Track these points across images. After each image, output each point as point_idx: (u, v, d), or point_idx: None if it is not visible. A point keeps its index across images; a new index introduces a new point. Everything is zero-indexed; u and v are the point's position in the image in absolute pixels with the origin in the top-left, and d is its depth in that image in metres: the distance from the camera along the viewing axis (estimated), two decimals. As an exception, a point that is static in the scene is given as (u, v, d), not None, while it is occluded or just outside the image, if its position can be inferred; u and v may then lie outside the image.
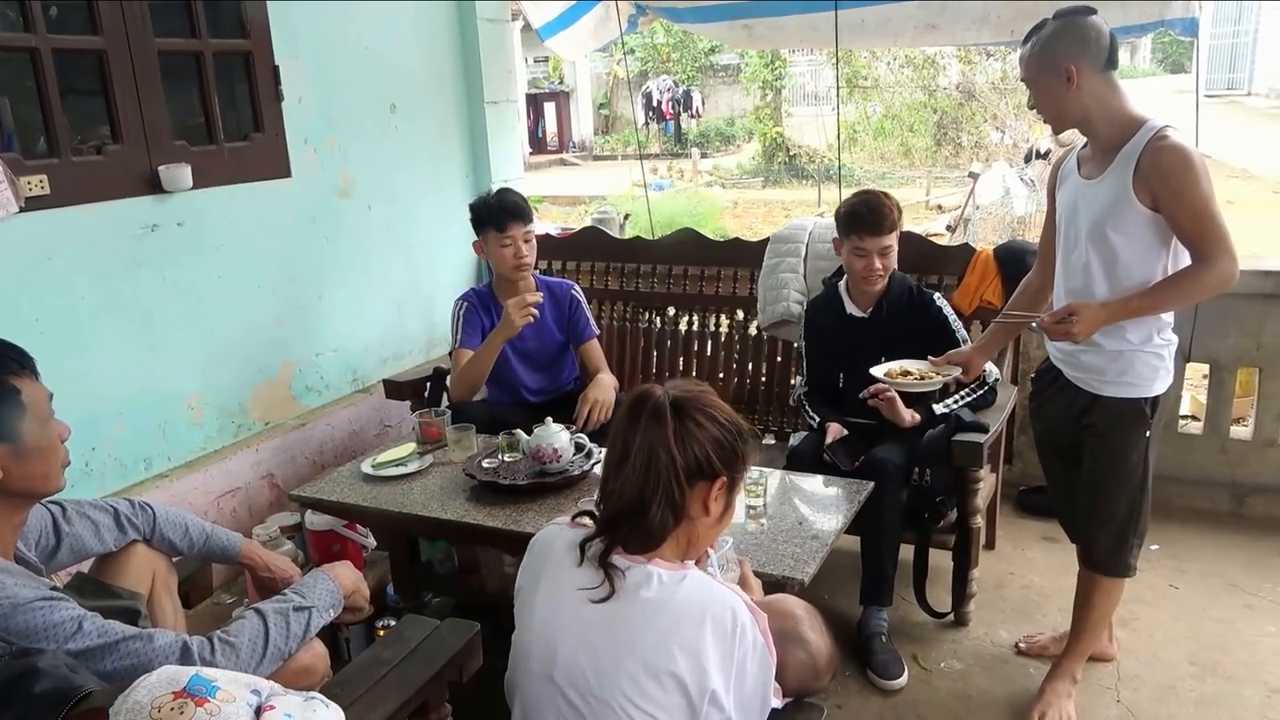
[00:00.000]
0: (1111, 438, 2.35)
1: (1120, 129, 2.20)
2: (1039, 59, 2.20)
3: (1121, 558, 2.44)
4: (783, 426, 3.53)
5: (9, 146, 2.56)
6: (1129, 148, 2.17)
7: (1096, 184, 2.24)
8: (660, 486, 1.44)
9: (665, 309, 3.85)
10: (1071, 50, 2.15)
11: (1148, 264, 2.22)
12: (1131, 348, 2.28)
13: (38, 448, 1.51)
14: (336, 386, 3.63)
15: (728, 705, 1.43)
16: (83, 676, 1.06)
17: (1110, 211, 2.20)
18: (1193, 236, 2.13)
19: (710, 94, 21.83)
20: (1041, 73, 2.20)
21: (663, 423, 1.45)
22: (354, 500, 2.53)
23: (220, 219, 3.09)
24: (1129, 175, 2.15)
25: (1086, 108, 2.19)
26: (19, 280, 2.53)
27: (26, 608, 1.38)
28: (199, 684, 0.90)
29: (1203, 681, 2.68)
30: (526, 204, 3.16)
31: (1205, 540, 3.47)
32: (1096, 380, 2.33)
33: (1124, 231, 2.20)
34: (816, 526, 2.22)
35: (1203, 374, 3.99)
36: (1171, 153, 2.11)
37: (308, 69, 3.35)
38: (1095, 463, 2.39)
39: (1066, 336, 2.19)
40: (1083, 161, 2.33)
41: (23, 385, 1.49)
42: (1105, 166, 2.22)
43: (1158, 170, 2.11)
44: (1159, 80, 23.26)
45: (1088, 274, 2.28)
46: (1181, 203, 2.11)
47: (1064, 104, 2.21)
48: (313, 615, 1.64)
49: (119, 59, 2.74)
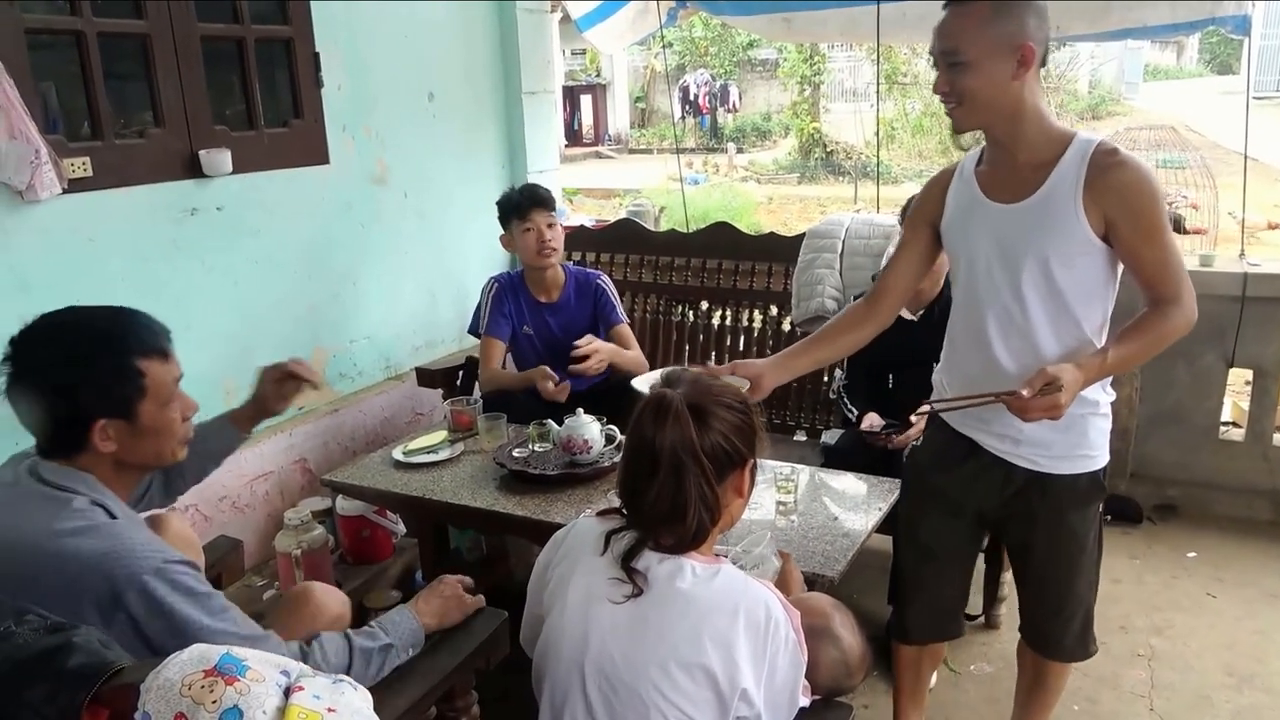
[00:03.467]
0: (1067, 521, 1.95)
1: (1051, 139, 1.78)
2: (992, 32, 1.70)
3: (1088, 640, 2.12)
4: (814, 423, 3.51)
5: (54, 129, 2.59)
6: (1068, 162, 1.75)
7: (1025, 207, 1.79)
8: (695, 494, 1.42)
9: (698, 303, 3.83)
10: (1029, 26, 1.70)
11: (1095, 309, 1.82)
12: (1085, 410, 1.86)
13: (153, 428, 1.53)
14: (369, 373, 3.65)
15: (757, 701, 1.42)
16: (115, 652, 1.07)
17: (1053, 241, 1.76)
18: (1157, 272, 1.74)
19: (747, 89, 21.71)
20: (991, 49, 1.70)
21: (686, 428, 1.42)
22: (385, 486, 2.54)
23: (258, 204, 3.11)
24: (1077, 195, 1.73)
25: (1022, 104, 1.75)
26: (60, 260, 2.57)
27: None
28: (229, 662, 0.91)
29: (1239, 693, 2.63)
30: (549, 194, 3.19)
31: (1244, 549, 3.40)
32: (1042, 456, 1.89)
33: (1071, 265, 1.77)
34: (847, 525, 2.19)
35: (1245, 380, 3.91)
36: (1133, 170, 1.72)
37: (347, 56, 3.37)
38: (1051, 553, 1.99)
39: (1050, 414, 1.68)
40: (985, 181, 1.86)
41: (149, 367, 1.51)
42: (1033, 185, 1.77)
43: (1115, 190, 1.71)
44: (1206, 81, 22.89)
45: (1026, 326, 1.82)
46: (1145, 232, 1.72)
47: (1003, 94, 1.73)
48: (390, 656, 1.62)
49: (162, 43, 2.76)
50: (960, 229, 1.91)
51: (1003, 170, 1.83)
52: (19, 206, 2.44)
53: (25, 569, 1.39)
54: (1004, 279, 1.83)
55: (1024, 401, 1.67)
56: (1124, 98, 20.20)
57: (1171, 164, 4.91)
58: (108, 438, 1.48)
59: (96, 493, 1.47)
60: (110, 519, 1.45)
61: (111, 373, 1.48)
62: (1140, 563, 3.35)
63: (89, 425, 1.46)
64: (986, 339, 1.88)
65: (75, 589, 1.37)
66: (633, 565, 1.44)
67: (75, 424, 1.47)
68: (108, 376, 1.48)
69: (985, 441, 1.94)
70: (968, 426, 1.96)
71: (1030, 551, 2.04)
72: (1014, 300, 1.83)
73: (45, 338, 1.48)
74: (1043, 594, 2.07)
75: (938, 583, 2.15)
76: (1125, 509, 3.65)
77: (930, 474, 2.08)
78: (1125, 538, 3.51)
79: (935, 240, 2.01)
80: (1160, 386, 3.71)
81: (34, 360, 1.46)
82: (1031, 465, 1.91)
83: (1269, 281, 3.46)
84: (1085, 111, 17.13)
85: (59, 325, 1.50)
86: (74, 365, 1.46)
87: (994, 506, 2.01)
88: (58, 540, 1.39)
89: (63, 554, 1.38)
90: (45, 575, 1.38)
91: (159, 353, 1.54)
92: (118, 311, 1.55)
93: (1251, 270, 3.49)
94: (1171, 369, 3.68)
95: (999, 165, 1.85)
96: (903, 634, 2.22)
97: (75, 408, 1.46)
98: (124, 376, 1.48)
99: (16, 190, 2.39)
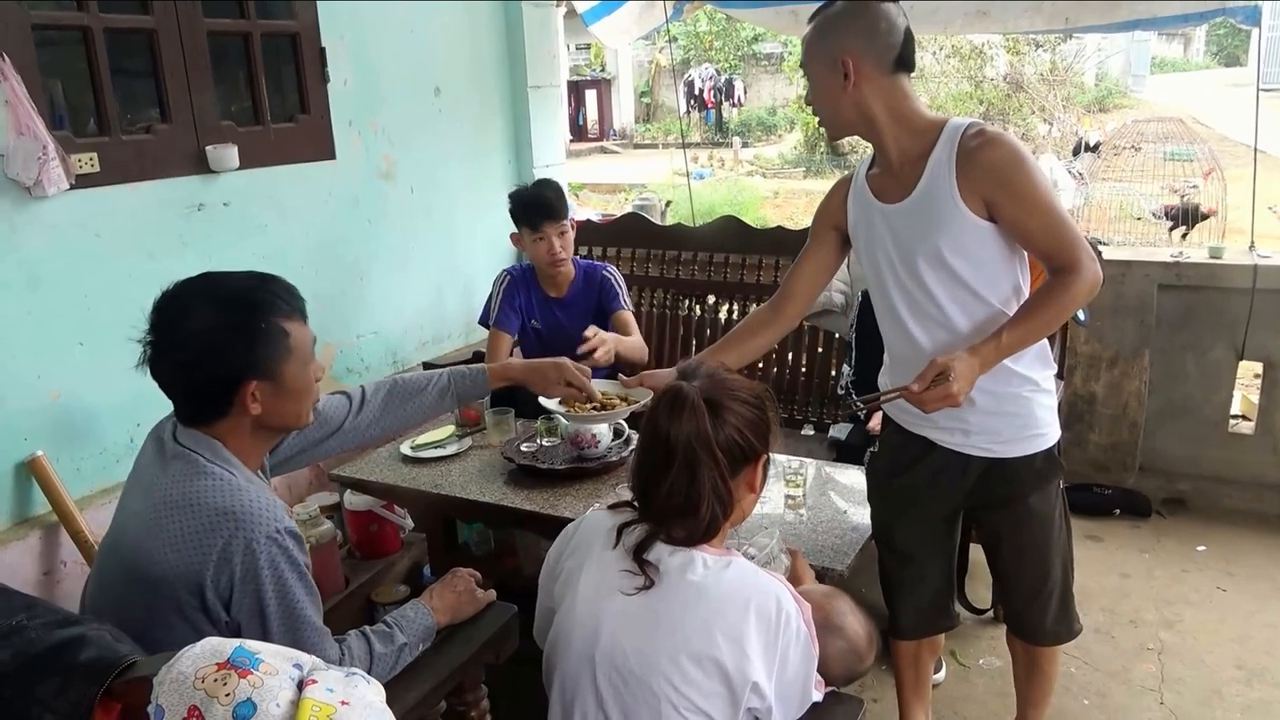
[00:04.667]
0: (1029, 503, 1.97)
1: (918, 135, 1.81)
2: (813, 46, 1.80)
3: (1070, 620, 2.13)
4: (822, 417, 3.50)
5: (60, 125, 2.59)
6: (939, 153, 1.77)
7: (909, 204, 1.83)
8: (708, 488, 1.43)
9: (705, 297, 3.83)
10: (851, 41, 1.76)
11: (1001, 283, 1.84)
12: (1025, 390, 1.89)
13: (296, 388, 1.55)
14: (376, 368, 3.65)
15: (769, 694, 1.41)
16: (127, 645, 1.07)
17: (941, 233, 1.79)
18: (1048, 242, 1.75)
19: (752, 83, 21.67)
20: (814, 63, 1.81)
21: (703, 422, 1.43)
22: (393, 481, 2.54)
23: (265, 200, 3.11)
24: (951, 183, 1.75)
25: (869, 113, 1.79)
26: (68, 256, 2.57)
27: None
28: (242, 655, 0.90)
29: (1249, 687, 2.62)
30: (561, 199, 3.14)
31: (1254, 543, 3.39)
32: (993, 443, 1.92)
33: (964, 253, 1.80)
34: (855, 519, 2.19)
35: (1255, 373, 3.90)
36: (996, 146, 1.73)
37: (353, 52, 3.36)
38: (1019, 538, 2.02)
39: (947, 402, 1.71)
40: (875, 184, 1.91)
41: (292, 328, 1.54)
42: (911, 183, 1.81)
43: (985, 170, 1.72)
44: (1212, 73, 22.81)
45: (936, 310, 1.86)
46: (1026, 204, 1.73)
47: (839, 105, 1.80)
48: (403, 654, 1.64)
49: (169, 39, 2.76)
50: (862, 231, 1.97)
51: (886, 172, 1.89)
52: (27, 202, 2.44)
53: (156, 516, 1.43)
54: (907, 274, 1.88)
55: (917, 395, 1.72)
56: (1131, 90, 20.12)
57: (1179, 156, 4.90)
58: (255, 399, 1.50)
59: (221, 459, 1.49)
60: (232, 477, 1.47)
61: (262, 334, 1.49)
62: (1150, 556, 3.34)
63: (238, 387, 1.48)
64: (903, 323, 1.92)
65: (199, 540, 1.41)
66: (644, 557, 1.44)
67: (226, 387, 1.48)
68: (258, 337, 1.49)
69: (937, 437, 1.97)
70: (919, 426, 1.98)
71: (1000, 538, 2.06)
72: (919, 290, 1.87)
73: (191, 304, 1.49)
74: (1018, 579, 2.09)
75: (920, 583, 2.16)
76: (1134, 503, 3.64)
77: (892, 478, 2.09)
78: (1134, 531, 3.50)
79: (841, 244, 2.07)
80: (1169, 379, 3.69)
81: (183, 326, 1.47)
82: (985, 453, 1.93)
83: (1279, 274, 3.45)
84: (1092, 104, 17.04)
85: (203, 291, 1.52)
86: (225, 328, 1.47)
87: (959, 500, 2.04)
88: (187, 493, 1.43)
89: (191, 505, 1.42)
90: (173, 524, 1.42)
91: (300, 314, 1.57)
92: (257, 276, 1.58)
93: (1262, 262, 3.47)
94: (1181, 362, 3.67)
95: (883, 167, 1.90)
96: (898, 632, 2.24)
97: (228, 370, 1.47)
98: (272, 337, 1.50)
99: (24, 186, 2.39)
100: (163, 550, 1.41)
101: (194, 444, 1.49)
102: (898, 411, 2.03)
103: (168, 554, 1.41)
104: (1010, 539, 2.04)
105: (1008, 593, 2.16)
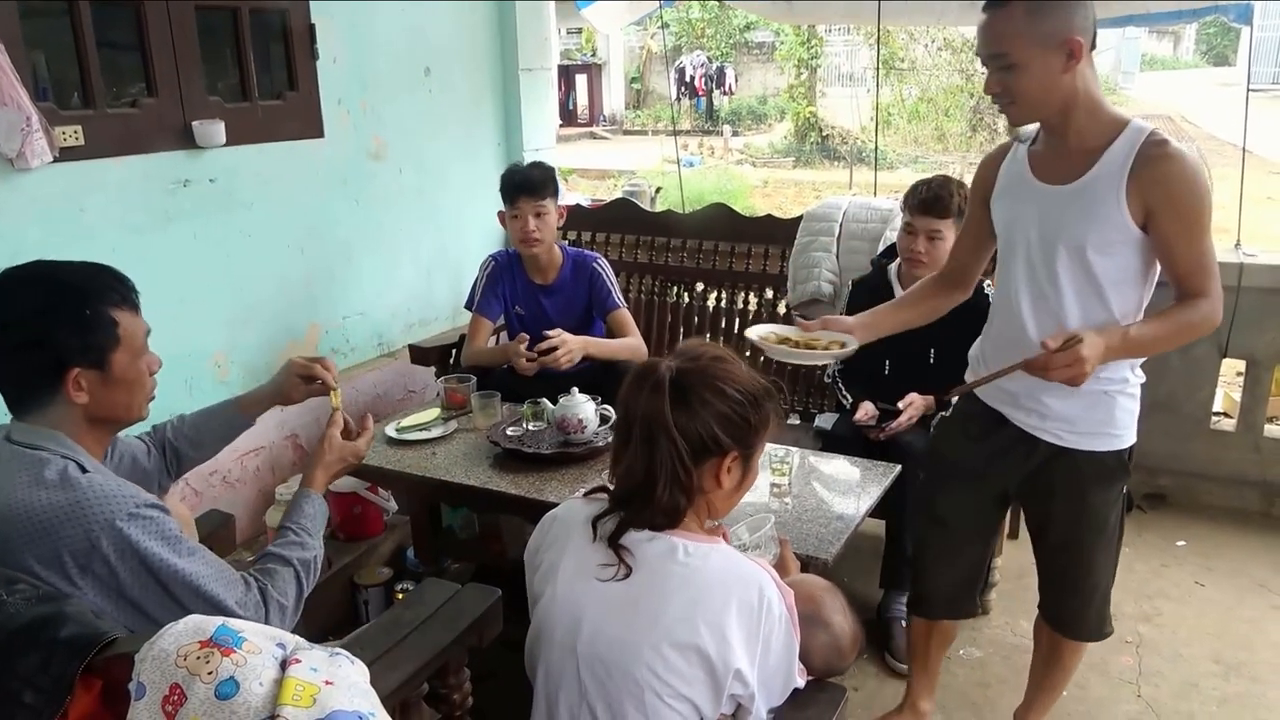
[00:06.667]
0: (1090, 499, 1.97)
1: (1103, 125, 1.79)
2: (1036, 32, 1.71)
3: (1103, 621, 2.15)
4: (808, 407, 3.50)
5: (44, 97, 2.56)
6: (1116, 149, 1.76)
7: (1070, 191, 1.81)
8: (664, 467, 1.40)
9: (694, 284, 3.82)
10: (1075, 20, 1.71)
11: (1129, 298, 1.84)
12: (1112, 389, 1.89)
13: (125, 379, 1.54)
14: (363, 350, 3.63)
15: (751, 681, 1.41)
16: (108, 623, 1.06)
17: (1092, 227, 1.78)
18: (1192, 267, 1.75)
19: (744, 71, 21.62)
20: (1027, 46, 1.72)
21: (661, 401, 1.40)
22: (377, 463, 2.52)
23: (252, 177, 3.08)
24: (1121, 183, 1.74)
25: (1075, 94, 1.76)
26: (50, 230, 2.54)
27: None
28: (225, 634, 0.90)
29: (1226, 681, 2.64)
30: (547, 180, 3.08)
31: (1234, 539, 3.42)
32: (1066, 431, 1.92)
33: (1108, 253, 1.79)
34: (841, 508, 2.19)
35: (1237, 371, 3.93)
36: (1180, 163, 1.72)
37: (343, 30, 3.33)
38: (1072, 530, 2.02)
39: (1073, 370, 1.67)
40: (1036, 161, 1.89)
41: (122, 317, 1.52)
42: (1081, 169, 1.79)
43: (1160, 179, 1.72)
44: (1202, 72, 22.91)
45: (1058, 307, 1.85)
46: (1186, 223, 1.73)
47: (1054, 88, 1.75)
48: (318, 560, 1.67)
49: (156, 12, 2.72)
50: (1006, 205, 1.95)
51: (1053, 152, 1.86)
52: (9, 174, 2.41)
53: (4, 528, 1.39)
54: (1040, 259, 1.86)
55: (1046, 357, 1.69)
56: (1120, 87, 20.19)
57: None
58: (81, 388, 1.48)
59: (66, 449, 1.48)
60: (82, 472, 1.46)
61: (86, 320, 1.48)
62: (1130, 551, 3.36)
63: (63, 375, 1.47)
64: (1017, 305, 1.92)
65: (52, 542, 1.38)
66: (620, 544, 1.43)
67: (49, 374, 1.47)
68: (83, 324, 1.48)
69: (1013, 415, 1.98)
70: (996, 400, 2.01)
71: (1050, 528, 2.07)
72: (1048, 282, 1.86)
73: (17, 289, 1.48)
74: (1062, 572, 2.10)
75: (954, 559, 2.19)
76: (1116, 497, 3.66)
77: (955, 446, 2.13)
78: (1115, 525, 3.52)
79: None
80: (1153, 376, 3.67)
81: (6, 311, 1.46)
82: (1057, 440, 1.93)
83: (1264, 272, 3.47)
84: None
85: (30, 278, 1.50)
86: (49, 313, 1.46)
87: (1018, 481, 2.05)
88: (31, 496, 1.40)
89: (36, 507, 1.39)
90: (23, 532, 1.38)
91: (130, 305, 1.55)
92: (91, 265, 1.56)
93: (1247, 260, 3.49)
94: (1165, 359, 3.68)
95: (1050, 147, 1.87)
96: (918, 607, 2.27)
97: (50, 356, 1.46)
98: (99, 324, 1.49)
99: (7, 158, 2.37)
100: (23, 559, 1.37)
101: (35, 438, 1.48)
102: (984, 390, 2.01)
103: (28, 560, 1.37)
104: (1061, 530, 2.04)
105: (1049, 584, 2.16)
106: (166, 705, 0.86)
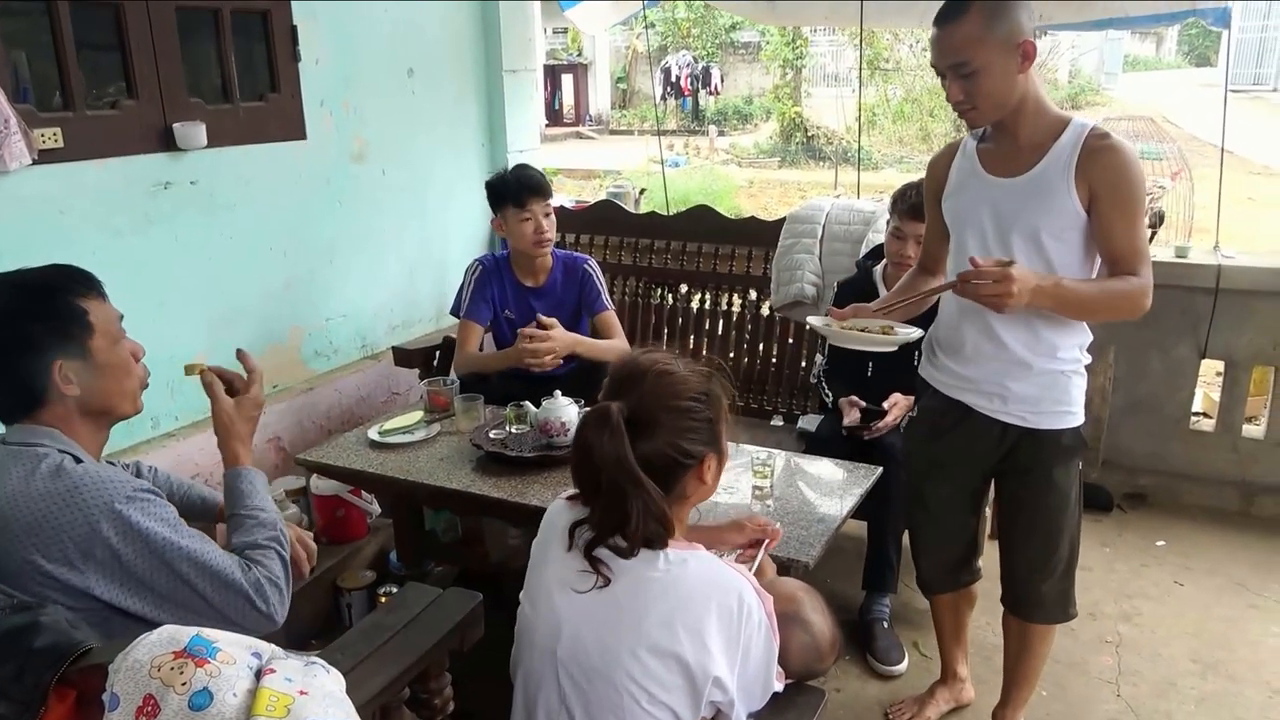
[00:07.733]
0: (1052, 475, 2.09)
1: (1049, 121, 1.93)
2: (996, 35, 1.82)
3: (1068, 602, 2.24)
4: (791, 408, 3.52)
5: (24, 98, 2.54)
6: (1064, 142, 1.90)
7: (1022, 182, 1.94)
8: (638, 510, 1.38)
9: (678, 286, 3.83)
10: (1024, 23, 1.84)
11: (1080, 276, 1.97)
12: (1067, 368, 2.03)
13: (109, 364, 1.55)
14: (345, 352, 3.62)
15: (731, 687, 1.42)
16: (83, 633, 1.06)
17: (1044, 213, 1.92)
18: (1125, 249, 1.89)
19: (729, 71, 21.64)
20: (988, 50, 1.82)
21: (622, 446, 1.37)
22: (360, 466, 2.52)
23: (233, 179, 3.06)
24: (1070, 172, 1.88)
25: (1027, 93, 1.89)
26: (30, 233, 2.52)
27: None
28: (199, 644, 0.90)
29: (1204, 680, 2.67)
30: (545, 180, 3.10)
31: (1212, 538, 3.45)
32: (1029, 412, 2.04)
33: (1061, 238, 1.93)
34: (822, 510, 2.20)
35: (1216, 371, 3.96)
36: (1123, 154, 1.87)
37: (326, 30, 3.32)
38: (1036, 508, 2.14)
39: (1001, 288, 1.75)
40: (986, 157, 2.02)
41: (90, 306, 1.54)
42: (1031, 162, 1.93)
43: (1104, 167, 1.86)
44: (1184, 73, 23.05)
45: None
46: (1125, 211, 1.87)
47: (1012, 90, 1.88)
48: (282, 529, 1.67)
49: (136, 13, 2.70)
50: (959, 200, 2.06)
51: (1003, 148, 1.99)
52: (-13, 177, 2.40)
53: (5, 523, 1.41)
54: (997, 247, 1.97)
55: (978, 269, 1.79)
56: (1103, 88, 20.31)
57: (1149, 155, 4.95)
58: (69, 380, 1.51)
59: (61, 444, 1.50)
60: (76, 463, 1.47)
61: (57, 312, 1.51)
62: (1110, 551, 3.39)
63: (48, 370, 1.49)
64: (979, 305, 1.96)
65: (53, 530, 1.40)
66: (596, 556, 1.43)
67: (34, 373, 1.49)
68: (54, 316, 1.51)
69: (976, 403, 2.10)
70: (958, 390, 2.12)
71: (1019, 507, 2.18)
72: None
73: None
74: (1025, 550, 2.20)
75: (946, 542, 2.34)
76: (1096, 497, 3.68)
77: (928, 444, 2.25)
78: (1096, 526, 3.54)
79: None
80: (1133, 376, 3.74)
81: None
82: (1020, 422, 2.06)
83: (1242, 274, 3.50)
84: (1065, 101, 17.17)
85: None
86: (21, 314, 1.49)
87: (990, 466, 2.18)
88: (28, 487, 1.42)
89: (34, 498, 1.41)
90: (24, 524, 1.40)
91: (97, 293, 1.58)
92: (46, 266, 1.59)
93: (1225, 262, 3.52)
94: (1145, 359, 3.72)
95: (1000, 144, 2.00)
96: (925, 589, 2.45)
97: (30, 354, 1.49)
98: (70, 314, 1.52)
99: (-15, 160, 2.35)
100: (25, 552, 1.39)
101: (30, 436, 1.50)
102: (937, 375, 2.16)
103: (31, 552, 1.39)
104: (1029, 509, 2.15)
105: (1012, 565, 2.25)
106: (140, 716, 0.85)
